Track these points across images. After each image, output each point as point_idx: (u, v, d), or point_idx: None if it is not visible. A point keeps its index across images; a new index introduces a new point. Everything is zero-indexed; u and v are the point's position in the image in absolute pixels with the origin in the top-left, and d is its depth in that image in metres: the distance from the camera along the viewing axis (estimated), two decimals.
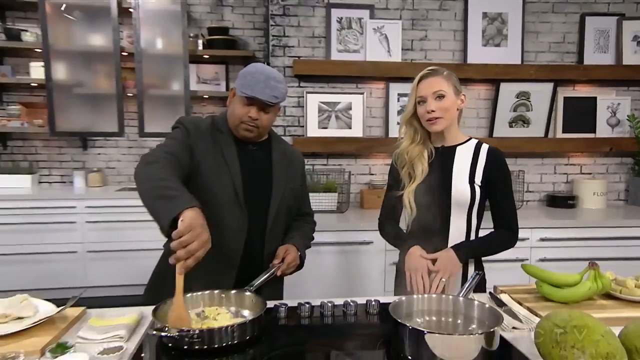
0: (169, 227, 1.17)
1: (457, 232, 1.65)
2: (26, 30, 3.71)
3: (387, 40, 3.14)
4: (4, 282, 3.12)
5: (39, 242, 3.37)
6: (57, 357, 1.05)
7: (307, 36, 3.17)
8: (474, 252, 1.64)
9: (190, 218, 1.16)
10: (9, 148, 3.93)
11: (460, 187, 1.62)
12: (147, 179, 1.33)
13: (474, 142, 1.70)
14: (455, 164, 1.65)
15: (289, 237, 1.73)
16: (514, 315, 1.37)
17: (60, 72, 3.68)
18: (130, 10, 3.61)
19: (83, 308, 1.36)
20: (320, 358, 1.17)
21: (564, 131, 3.40)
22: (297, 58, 3.14)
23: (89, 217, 3.43)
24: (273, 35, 3.14)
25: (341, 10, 3.15)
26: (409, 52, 3.22)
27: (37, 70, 3.69)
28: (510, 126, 3.34)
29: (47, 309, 1.28)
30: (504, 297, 1.52)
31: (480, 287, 1.69)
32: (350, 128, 3.21)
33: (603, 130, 3.42)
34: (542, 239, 2.83)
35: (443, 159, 1.67)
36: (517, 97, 3.29)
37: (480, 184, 1.62)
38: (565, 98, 3.38)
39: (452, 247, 1.59)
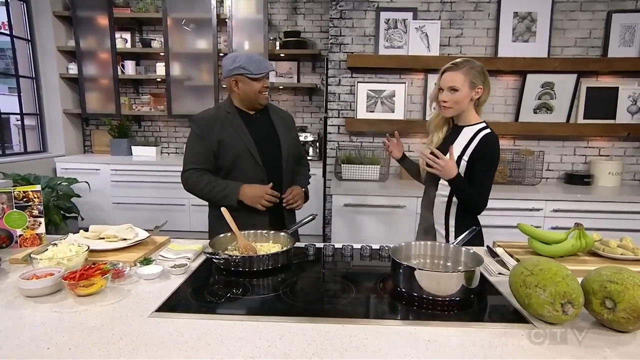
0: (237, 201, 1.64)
1: (443, 188, 1.66)
2: (154, 39, 3.97)
3: (427, 37, 2.98)
4: (131, 223, 3.51)
5: (158, 195, 3.66)
6: (142, 266, 1.20)
7: (359, 35, 3.09)
8: (461, 182, 1.56)
9: (247, 189, 1.64)
10: (142, 127, 4.29)
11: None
12: (199, 192, 1.71)
13: (480, 126, 1.61)
14: (457, 140, 1.63)
15: (294, 180, 1.86)
16: (503, 264, 1.32)
17: (176, 69, 3.90)
18: (226, 20, 3.74)
19: (168, 237, 1.51)
20: (331, 285, 1.21)
21: (584, 117, 3.04)
22: (350, 53, 3.08)
23: None
24: (331, 35, 3.11)
25: (388, 12, 3.02)
26: (446, 48, 3.03)
27: (160, 69, 3.94)
28: (535, 112, 3.04)
29: (143, 234, 1.45)
30: (499, 250, 1.46)
31: (479, 242, 1.63)
32: (393, 112, 3.12)
33: (623, 117, 3.01)
34: (555, 210, 2.61)
35: (452, 135, 1.68)
36: (542, 87, 2.99)
37: (467, 160, 1.58)
38: (588, 88, 3.01)
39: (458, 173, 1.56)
